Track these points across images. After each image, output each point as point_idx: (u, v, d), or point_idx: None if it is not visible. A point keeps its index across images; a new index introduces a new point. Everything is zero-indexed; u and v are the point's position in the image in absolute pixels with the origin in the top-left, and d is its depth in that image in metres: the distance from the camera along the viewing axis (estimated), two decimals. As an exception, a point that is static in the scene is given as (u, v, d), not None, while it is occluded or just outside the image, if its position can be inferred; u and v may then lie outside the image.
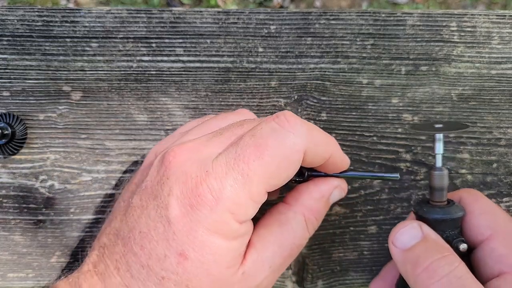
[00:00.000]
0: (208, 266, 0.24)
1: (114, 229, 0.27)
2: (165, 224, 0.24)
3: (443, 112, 0.34)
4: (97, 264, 0.26)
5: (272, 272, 0.27)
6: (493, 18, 0.34)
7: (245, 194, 0.24)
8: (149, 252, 0.25)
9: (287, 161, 0.24)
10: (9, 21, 0.33)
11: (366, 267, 0.35)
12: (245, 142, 0.24)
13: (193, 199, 0.24)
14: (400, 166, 0.34)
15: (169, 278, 0.24)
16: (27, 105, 0.33)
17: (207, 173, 0.24)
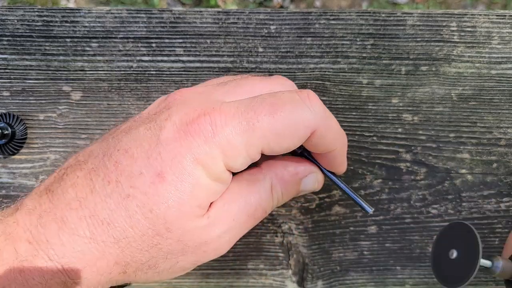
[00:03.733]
0: (181, 196, 0.23)
1: (88, 150, 0.25)
2: (151, 143, 0.23)
3: (443, 112, 0.34)
4: (51, 185, 0.24)
5: (235, 227, 0.26)
6: (493, 18, 0.34)
7: (243, 140, 0.23)
8: (123, 168, 0.23)
9: (294, 131, 0.24)
10: (9, 21, 0.33)
11: (366, 267, 0.35)
12: (262, 97, 0.24)
13: (191, 127, 0.23)
14: (400, 166, 0.34)
15: (134, 197, 0.22)
16: (27, 105, 0.33)
17: (213, 109, 0.23)
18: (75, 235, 0.22)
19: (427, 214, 0.34)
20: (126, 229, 0.23)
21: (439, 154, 0.34)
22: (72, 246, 0.22)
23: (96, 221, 0.22)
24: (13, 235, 0.22)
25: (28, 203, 0.23)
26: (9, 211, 0.24)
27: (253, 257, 0.35)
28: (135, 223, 0.23)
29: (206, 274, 0.35)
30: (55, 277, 0.22)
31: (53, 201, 0.23)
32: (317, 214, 0.35)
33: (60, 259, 0.22)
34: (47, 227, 0.22)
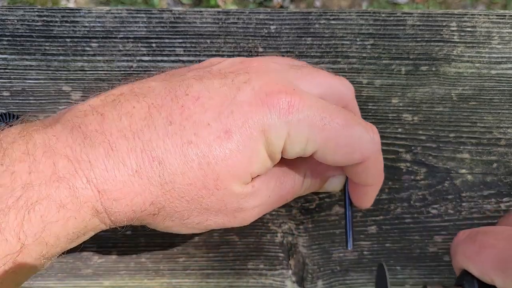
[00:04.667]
0: (240, 159, 0.23)
1: (147, 84, 0.24)
2: (225, 100, 0.23)
3: (443, 112, 0.34)
4: (99, 107, 0.23)
5: (267, 203, 0.27)
6: (493, 18, 0.34)
7: (309, 132, 0.24)
8: (190, 114, 0.22)
9: (350, 151, 0.25)
10: (9, 21, 0.33)
11: (366, 267, 0.35)
12: (339, 108, 0.25)
13: (270, 98, 0.23)
14: (400, 166, 0.34)
15: (196, 145, 0.22)
16: (27, 105, 0.33)
17: (294, 91, 0.24)
18: (120, 164, 0.22)
19: (427, 214, 0.34)
20: (176, 174, 0.22)
21: (439, 154, 0.34)
22: (115, 174, 0.22)
23: (147, 157, 0.22)
24: (53, 148, 0.21)
25: (71, 119, 0.23)
26: (47, 122, 0.23)
27: (253, 257, 0.35)
28: (187, 171, 0.22)
29: (206, 274, 0.35)
30: (89, 201, 0.22)
31: (103, 125, 0.22)
32: (317, 214, 0.34)
33: (98, 184, 0.22)
34: (93, 149, 0.22)
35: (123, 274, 0.34)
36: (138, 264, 0.34)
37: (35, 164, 0.21)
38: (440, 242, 0.34)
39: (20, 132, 0.22)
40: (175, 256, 0.34)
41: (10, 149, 0.21)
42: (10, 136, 0.22)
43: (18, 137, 0.22)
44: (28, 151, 0.21)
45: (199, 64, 0.28)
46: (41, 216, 0.21)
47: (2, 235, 0.20)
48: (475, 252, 0.26)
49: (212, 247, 0.34)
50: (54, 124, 0.23)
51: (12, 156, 0.21)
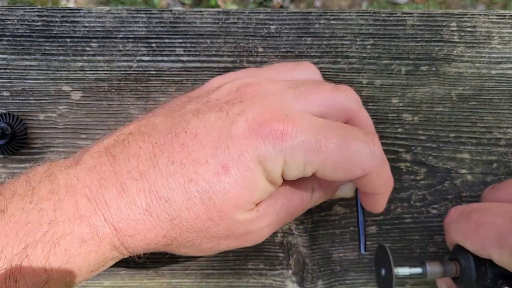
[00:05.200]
0: (240, 191, 0.24)
1: (151, 122, 0.26)
2: (221, 135, 0.24)
3: (443, 112, 0.34)
4: (111, 147, 0.25)
5: (276, 221, 0.28)
6: (493, 18, 0.34)
7: (305, 156, 0.25)
8: (189, 152, 0.24)
9: (350, 167, 0.25)
10: (9, 21, 0.33)
11: (366, 267, 0.35)
12: (335, 126, 0.25)
13: (263, 129, 0.24)
14: (400, 166, 0.34)
15: (196, 183, 0.24)
16: (27, 105, 0.33)
17: (287, 117, 0.24)
18: (132, 204, 0.24)
19: (427, 214, 0.34)
20: (182, 210, 0.24)
21: (439, 154, 0.34)
22: (128, 213, 0.24)
23: (154, 196, 0.24)
24: (74, 188, 0.23)
25: (88, 161, 0.24)
26: (68, 162, 0.25)
27: (253, 257, 0.35)
28: (191, 206, 0.24)
29: (206, 274, 0.35)
30: (107, 237, 0.24)
31: (114, 166, 0.24)
32: (317, 214, 0.34)
33: (114, 223, 0.23)
34: (107, 190, 0.24)
35: (123, 274, 0.34)
36: (138, 264, 0.34)
37: (59, 202, 0.23)
38: (440, 242, 0.34)
39: (46, 171, 0.24)
40: (175, 256, 0.34)
41: (37, 188, 0.23)
42: (38, 176, 0.24)
43: (44, 177, 0.24)
44: (53, 190, 0.23)
45: (199, 90, 0.29)
46: (65, 250, 0.23)
47: (30, 266, 0.22)
48: (472, 229, 0.27)
49: (212, 247, 0.34)
50: (75, 165, 0.25)
51: (39, 194, 0.23)
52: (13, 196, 0.23)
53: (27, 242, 0.22)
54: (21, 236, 0.22)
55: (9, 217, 0.22)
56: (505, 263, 0.25)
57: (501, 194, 0.31)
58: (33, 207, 0.23)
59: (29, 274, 0.22)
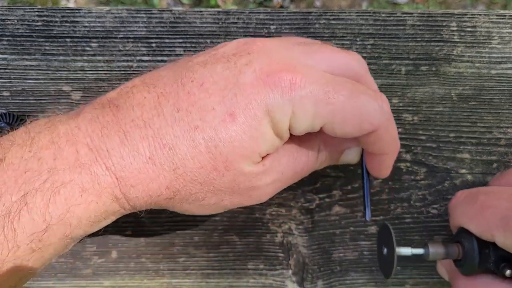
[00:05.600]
0: (247, 140, 0.24)
1: (156, 74, 0.25)
2: (228, 84, 0.24)
3: (443, 112, 0.34)
4: (114, 99, 0.24)
5: (281, 179, 0.27)
6: (493, 18, 0.34)
7: (314, 107, 0.24)
8: (195, 100, 0.23)
9: (359, 121, 0.25)
10: (9, 21, 0.33)
11: (366, 267, 0.35)
12: (343, 80, 0.25)
13: (271, 78, 0.24)
14: (400, 166, 0.34)
15: (202, 130, 0.23)
16: (27, 105, 0.33)
17: (295, 68, 0.24)
18: (134, 152, 0.23)
19: (427, 214, 0.34)
20: (186, 158, 0.23)
21: (439, 154, 0.34)
22: (130, 161, 0.23)
23: (158, 144, 0.23)
24: (75, 137, 0.23)
25: (90, 112, 0.24)
26: (70, 115, 0.25)
27: (253, 257, 0.35)
28: (197, 154, 0.23)
29: (206, 274, 0.35)
30: (108, 186, 0.23)
31: (117, 115, 0.24)
32: (317, 214, 0.34)
33: (116, 171, 0.23)
34: (109, 138, 0.23)
35: (123, 274, 0.34)
36: (138, 264, 0.34)
37: (60, 151, 0.23)
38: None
39: (46, 123, 0.24)
40: (175, 256, 0.34)
41: (37, 138, 0.23)
42: (37, 127, 0.24)
43: (44, 128, 0.24)
44: (53, 139, 0.23)
45: (206, 50, 0.28)
46: (65, 199, 0.22)
47: (30, 214, 0.22)
48: (477, 212, 0.27)
49: (212, 247, 0.34)
50: (76, 116, 0.24)
51: (39, 144, 0.23)
52: (11, 145, 0.23)
53: (26, 189, 0.22)
54: (20, 183, 0.22)
55: (8, 165, 0.22)
56: (509, 246, 0.25)
57: (509, 179, 0.31)
58: (32, 155, 0.22)
59: (28, 222, 0.22)
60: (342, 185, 0.34)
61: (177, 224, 0.34)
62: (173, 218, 0.34)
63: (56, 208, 0.22)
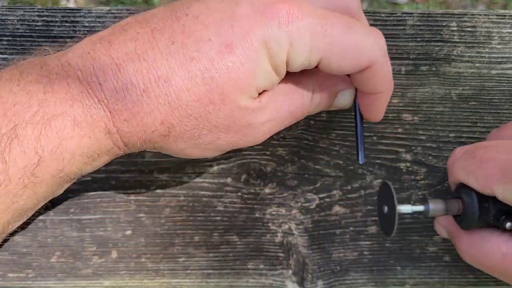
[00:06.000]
0: (244, 72, 0.23)
1: (148, 13, 0.24)
2: (224, 15, 0.23)
3: (443, 112, 0.34)
4: (106, 36, 0.24)
5: (277, 119, 0.27)
6: (493, 18, 0.34)
7: (311, 39, 0.24)
8: (191, 32, 0.23)
9: (357, 55, 0.25)
10: (9, 21, 0.33)
11: (366, 267, 0.35)
12: (340, 14, 0.25)
13: (268, 9, 0.23)
14: (400, 166, 0.34)
15: (198, 61, 0.23)
16: (27, 105, 0.33)
17: (292, 1, 0.24)
18: (128, 85, 0.23)
19: (427, 214, 0.34)
20: (182, 90, 0.23)
21: (439, 154, 0.34)
22: (124, 94, 0.23)
23: (153, 76, 0.23)
24: (66, 71, 0.23)
25: (81, 47, 0.24)
26: (59, 53, 0.24)
27: (253, 257, 0.35)
28: (192, 86, 0.23)
29: (206, 274, 0.35)
30: (101, 120, 0.23)
31: (109, 50, 0.23)
32: (317, 214, 0.35)
33: (109, 104, 0.23)
34: (101, 72, 0.23)
35: (123, 274, 0.34)
36: (138, 264, 0.34)
37: (50, 84, 0.22)
38: (440, 242, 0.34)
39: (34, 60, 0.24)
40: (175, 256, 0.34)
41: (25, 73, 0.23)
42: (25, 63, 0.23)
43: (33, 64, 0.23)
44: (42, 73, 0.23)
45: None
46: (57, 132, 0.22)
47: (21, 147, 0.21)
48: (476, 166, 0.27)
49: (212, 247, 0.34)
50: (66, 52, 0.24)
51: (27, 78, 0.22)
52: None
53: (16, 122, 0.21)
54: (9, 116, 0.21)
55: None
56: (508, 198, 0.25)
57: (506, 133, 0.31)
58: (21, 89, 0.22)
59: (19, 155, 0.21)
60: (342, 185, 0.34)
61: (177, 224, 0.34)
62: (173, 218, 0.34)
63: (47, 141, 0.22)
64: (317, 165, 0.34)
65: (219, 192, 0.34)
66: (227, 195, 0.34)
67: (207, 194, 0.34)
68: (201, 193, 0.34)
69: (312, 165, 0.34)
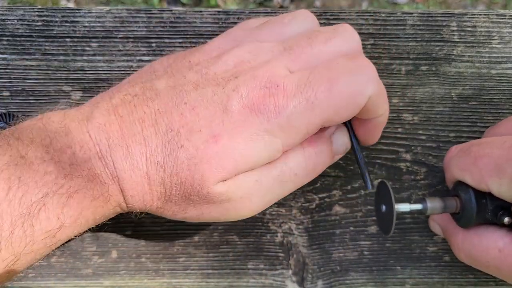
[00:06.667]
0: (227, 160, 0.25)
1: (154, 87, 0.27)
2: (217, 110, 0.25)
3: (443, 112, 0.34)
4: (119, 107, 0.26)
5: (258, 190, 0.27)
6: (493, 18, 0.34)
7: (303, 120, 0.25)
8: (186, 122, 0.25)
9: (352, 102, 0.25)
10: (9, 21, 0.33)
11: (366, 267, 0.35)
12: (319, 71, 0.25)
13: (256, 105, 0.25)
14: (400, 166, 0.34)
15: (186, 149, 0.25)
16: (27, 105, 0.33)
17: (277, 88, 0.25)
18: (135, 167, 0.25)
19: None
20: (172, 175, 0.25)
21: (439, 154, 0.34)
22: (131, 175, 0.25)
23: (153, 162, 0.25)
24: (87, 146, 0.25)
25: (98, 118, 0.26)
26: (79, 115, 0.26)
27: (253, 257, 0.35)
28: (179, 172, 0.25)
29: (206, 274, 0.35)
30: (114, 195, 0.25)
31: (122, 127, 0.25)
32: (317, 214, 0.35)
33: (120, 183, 0.25)
34: (114, 151, 0.25)
35: (123, 274, 0.34)
36: (138, 264, 0.34)
37: (75, 158, 0.25)
38: (440, 242, 0.34)
39: (60, 122, 0.26)
40: (175, 256, 0.34)
41: (55, 140, 0.25)
42: (53, 125, 0.25)
43: (59, 128, 0.25)
44: (69, 144, 0.25)
45: (199, 53, 0.28)
46: (77, 203, 0.24)
47: (46, 213, 0.24)
48: (471, 162, 0.27)
49: (212, 247, 0.34)
50: (86, 121, 0.26)
51: (56, 146, 0.24)
52: (31, 143, 0.24)
53: (44, 192, 0.23)
54: (40, 185, 0.23)
55: (29, 165, 0.24)
56: (504, 193, 0.25)
57: (501, 130, 0.31)
58: (50, 158, 0.24)
59: (44, 220, 0.24)
60: (342, 185, 0.34)
61: (177, 224, 0.34)
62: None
63: (69, 210, 0.24)
64: (317, 165, 0.34)
65: (219, 192, 0.34)
66: (227, 195, 0.34)
67: (207, 194, 0.34)
68: (201, 193, 0.34)
69: (312, 165, 0.34)
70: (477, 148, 0.27)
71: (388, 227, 0.27)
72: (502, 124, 0.31)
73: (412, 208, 0.28)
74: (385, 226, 0.28)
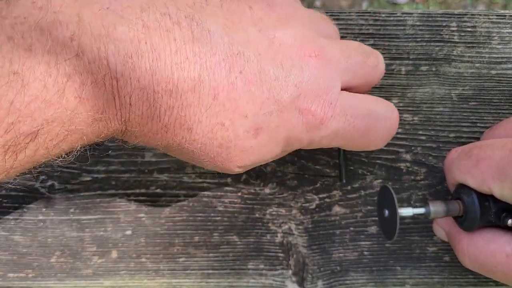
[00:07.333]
0: (255, 154, 0.25)
1: (206, 28, 0.22)
2: (270, 95, 0.24)
3: (443, 112, 0.34)
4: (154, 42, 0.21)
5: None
6: (493, 18, 0.34)
7: (330, 141, 0.27)
8: (235, 97, 0.23)
9: (370, 142, 0.28)
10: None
11: (366, 267, 0.35)
12: (363, 114, 0.27)
13: (306, 112, 0.25)
14: (400, 166, 0.34)
15: (227, 129, 0.23)
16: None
17: (330, 105, 0.25)
18: (155, 116, 0.22)
19: (427, 214, 0.34)
20: (197, 143, 0.24)
21: (439, 154, 0.34)
22: (149, 121, 0.23)
23: (181, 122, 0.23)
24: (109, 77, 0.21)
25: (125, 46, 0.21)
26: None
27: (253, 257, 0.35)
28: (208, 145, 0.24)
29: (206, 274, 0.35)
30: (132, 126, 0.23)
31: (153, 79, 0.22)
32: (317, 214, 0.35)
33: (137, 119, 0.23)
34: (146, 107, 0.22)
35: (123, 274, 0.34)
36: (138, 264, 0.34)
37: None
38: (440, 242, 0.34)
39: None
40: (175, 256, 0.34)
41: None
42: None
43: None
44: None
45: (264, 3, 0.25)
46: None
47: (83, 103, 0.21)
48: (473, 165, 0.27)
49: (212, 247, 0.34)
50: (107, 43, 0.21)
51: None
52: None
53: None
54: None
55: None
56: (506, 196, 0.25)
57: (500, 132, 0.31)
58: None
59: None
60: (342, 185, 0.34)
61: (177, 224, 0.34)
62: (173, 218, 0.34)
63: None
64: (317, 165, 0.34)
65: (219, 192, 0.34)
66: (227, 195, 0.34)
67: (207, 194, 0.34)
68: (201, 193, 0.34)
69: (312, 165, 0.34)
70: (479, 151, 0.27)
71: (392, 232, 0.27)
72: (501, 126, 0.31)
73: (415, 212, 0.28)
74: (388, 231, 0.28)
